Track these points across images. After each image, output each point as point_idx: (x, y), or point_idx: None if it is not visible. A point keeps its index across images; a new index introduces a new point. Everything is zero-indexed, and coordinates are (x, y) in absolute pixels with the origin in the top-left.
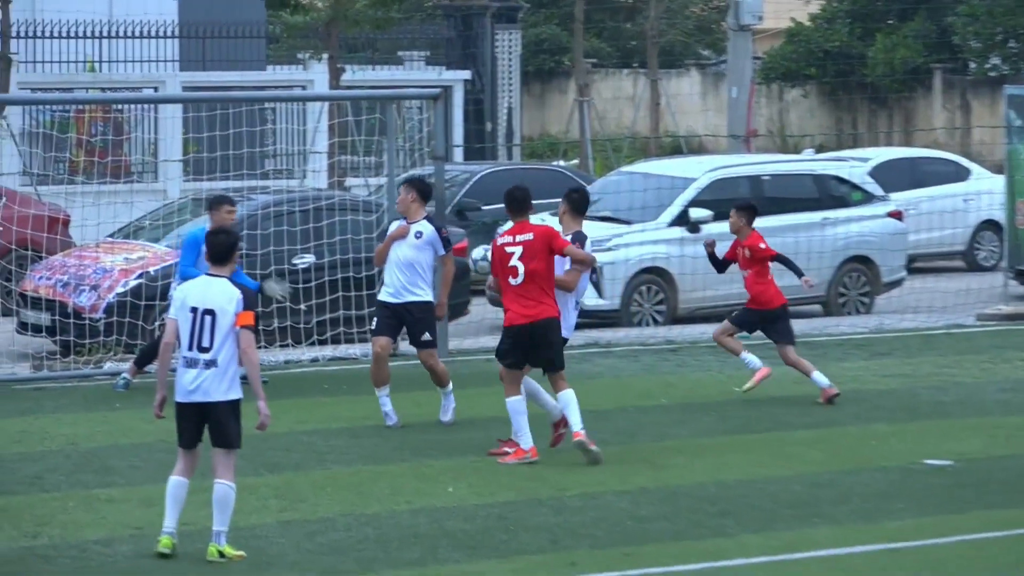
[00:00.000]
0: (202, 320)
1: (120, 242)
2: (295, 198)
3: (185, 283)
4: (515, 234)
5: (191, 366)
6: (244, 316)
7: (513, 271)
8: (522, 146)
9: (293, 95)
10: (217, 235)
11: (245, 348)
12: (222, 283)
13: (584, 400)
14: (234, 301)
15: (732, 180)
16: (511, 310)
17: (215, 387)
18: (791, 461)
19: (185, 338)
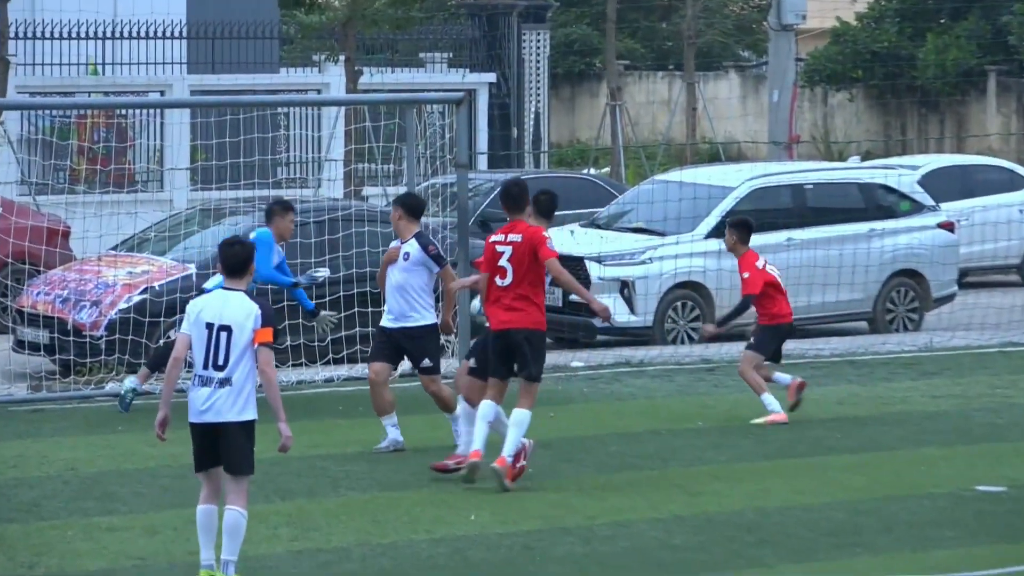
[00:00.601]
0: (218, 337)
1: (123, 255)
2: (309, 208)
3: (200, 297)
4: (507, 232)
5: (204, 384)
6: (263, 333)
7: (502, 272)
8: (550, 153)
9: (307, 99)
10: (232, 246)
11: (263, 367)
12: (240, 297)
13: (615, 422)
14: (252, 317)
15: (773, 189)
16: (493, 314)
17: (227, 407)
18: (833, 487)
19: (200, 355)
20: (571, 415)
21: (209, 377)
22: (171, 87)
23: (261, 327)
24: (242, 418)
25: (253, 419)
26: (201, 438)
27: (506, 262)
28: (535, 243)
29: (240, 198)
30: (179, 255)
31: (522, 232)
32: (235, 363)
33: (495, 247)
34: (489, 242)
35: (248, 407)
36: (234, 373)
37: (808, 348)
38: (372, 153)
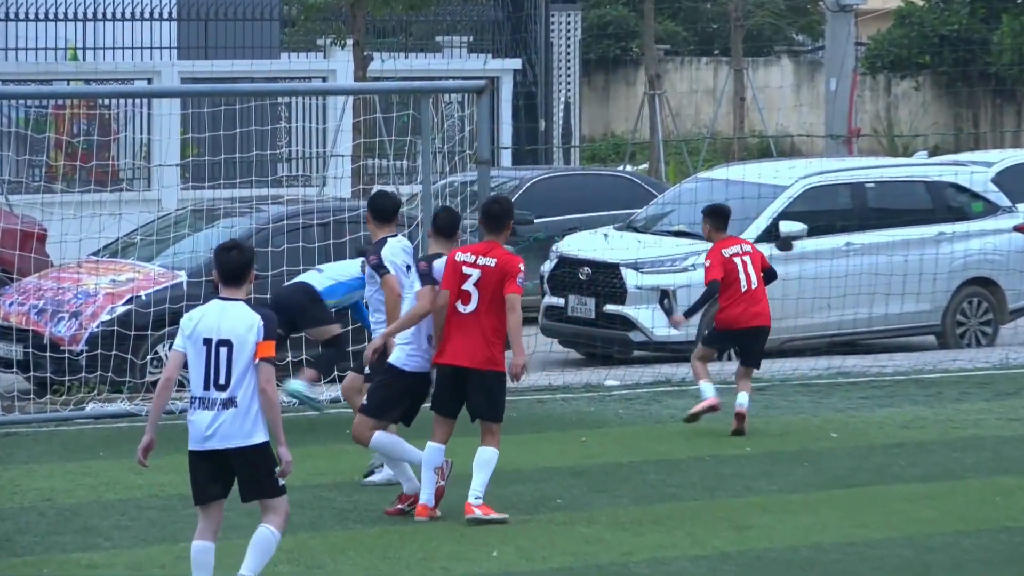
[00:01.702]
0: (217, 353)
1: (106, 261)
2: (313, 209)
3: (195, 310)
4: (478, 253)
5: (206, 407)
6: (264, 347)
7: (464, 296)
8: (582, 148)
9: (312, 88)
10: (229, 251)
11: (263, 385)
12: (239, 308)
13: (653, 448)
14: (254, 329)
15: (830, 188)
16: (450, 344)
17: (235, 430)
18: (898, 520)
19: (198, 375)
20: (605, 440)
21: (211, 399)
22: (159, 74)
23: (263, 340)
24: (252, 441)
25: (265, 441)
26: (205, 467)
27: (472, 286)
28: (507, 273)
29: (236, 198)
30: (168, 261)
31: (497, 257)
32: (239, 381)
33: (461, 267)
34: (454, 259)
35: (257, 428)
36: (238, 392)
37: (870, 365)
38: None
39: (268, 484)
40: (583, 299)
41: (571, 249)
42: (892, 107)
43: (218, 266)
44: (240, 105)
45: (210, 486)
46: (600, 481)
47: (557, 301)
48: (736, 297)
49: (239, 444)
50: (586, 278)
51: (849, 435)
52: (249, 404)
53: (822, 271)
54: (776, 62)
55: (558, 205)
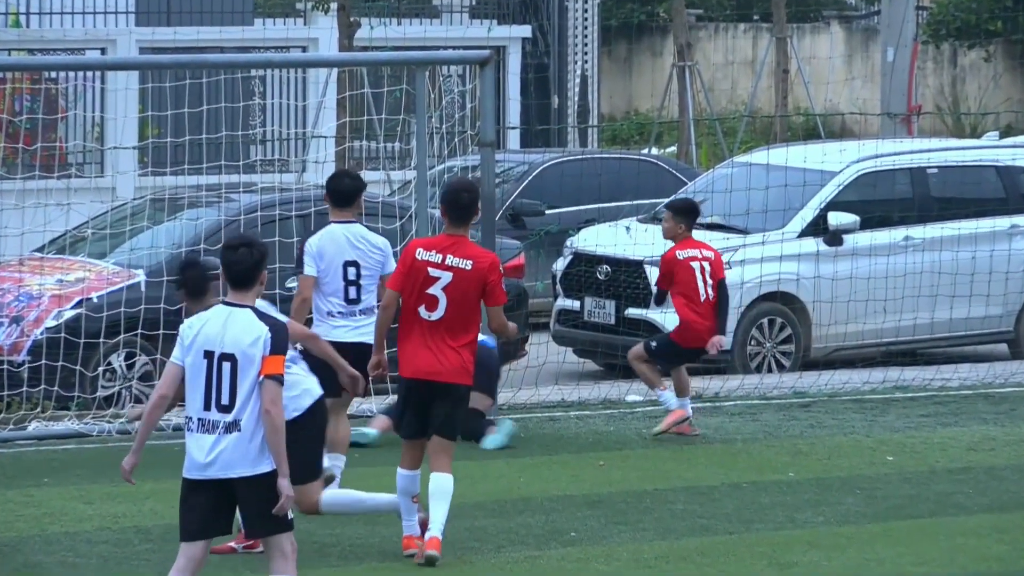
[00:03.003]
0: (219, 368)
1: (52, 258)
2: (291, 199)
3: (196, 317)
4: (447, 251)
5: (206, 430)
6: (270, 362)
7: (430, 301)
8: (601, 128)
9: (290, 59)
10: (236, 249)
11: (267, 406)
12: (245, 316)
13: (682, 473)
14: (261, 341)
15: (887, 174)
16: (416, 355)
17: (238, 458)
18: (963, 557)
19: (197, 393)
20: (626, 464)
21: (212, 421)
22: (114, 43)
23: (269, 354)
24: (259, 470)
25: (272, 469)
26: (201, 499)
27: (440, 291)
28: (489, 280)
29: (202, 186)
30: (124, 258)
31: (473, 259)
32: (244, 401)
33: (425, 269)
34: (416, 257)
35: (265, 456)
36: (243, 414)
37: (931, 378)
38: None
39: (275, 518)
40: (601, 302)
41: (588, 244)
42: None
43: (224, 266)
44: (207, 79)
45: (204, 521)
46: (620, 511)
47: (572, 304)
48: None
49: (244, 473)
50: (605, 277)
51: (907, 458)
52: (255, 428)
53: (877, 269)
54: (825, 29)
55: (573, 193)
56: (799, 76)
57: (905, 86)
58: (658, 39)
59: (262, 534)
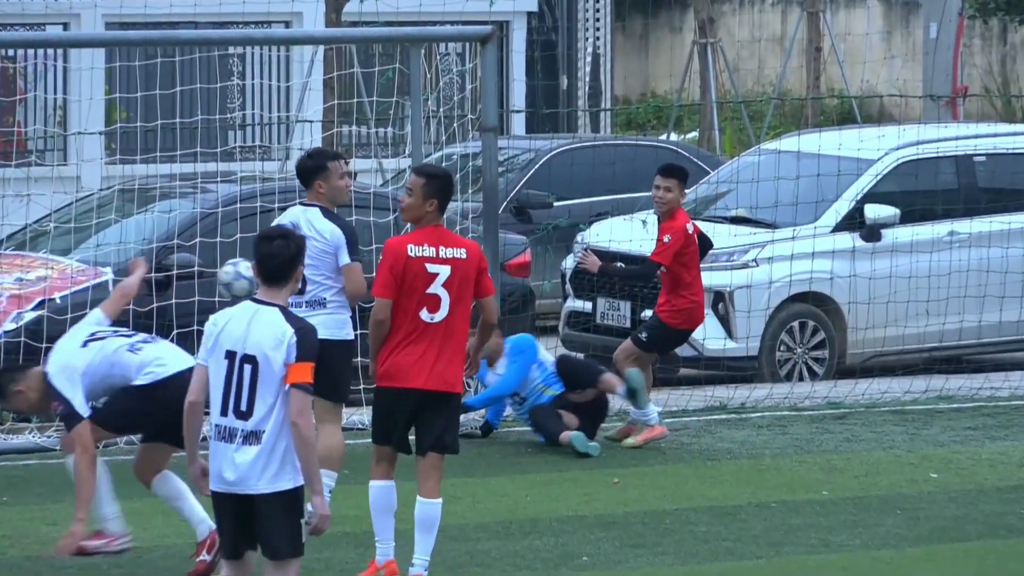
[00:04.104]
0: (240, 371)
1: (10, 254)
2: (273, 189)
3: (222, 312)
4: (438, 243)
5: (226, 439)
6: (298, 369)
7: (432, 301)
8: (615, 111)
9: (272, 35)
10: (271, 241)
11: (294, 418)
12: (272, 315)
13: (705, 491)
14: (284, 345)
15: (929, 163)
16: (408, 365)
17: (256, 472)
18: None
19: (217, 397)
20: (643, 481)
21: (230, 429)
22: (78, 18)
23: (296, 360)
24: (277, 487)
25: (294, 488)
26: (226, 513)
27: (441, 288)
28: (481, 267)
29: (176, 175)
30: (90, 255)
31: (466, 247)
32: (266, 411)
33: (424, 265)
34: (409, 255)
35: (285, 472)
36: (265, 425)
37: (979, 387)
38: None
39: (287, 542)
40: (615, 303)
41: (601, 239)
42: (1008, 59)
43: (257, 259)
44: (180, 57)
45: (233, 534)
46: (637, 533)
47: (583, 305)
48: (697, 287)
49: (263, 490)
50: None
51: (953, 476)
52: (275, 441)
53: (919, 267)
54: (861, 3)
55: (584, 183)
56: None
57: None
58: (677, 14)
59: (279, 556)
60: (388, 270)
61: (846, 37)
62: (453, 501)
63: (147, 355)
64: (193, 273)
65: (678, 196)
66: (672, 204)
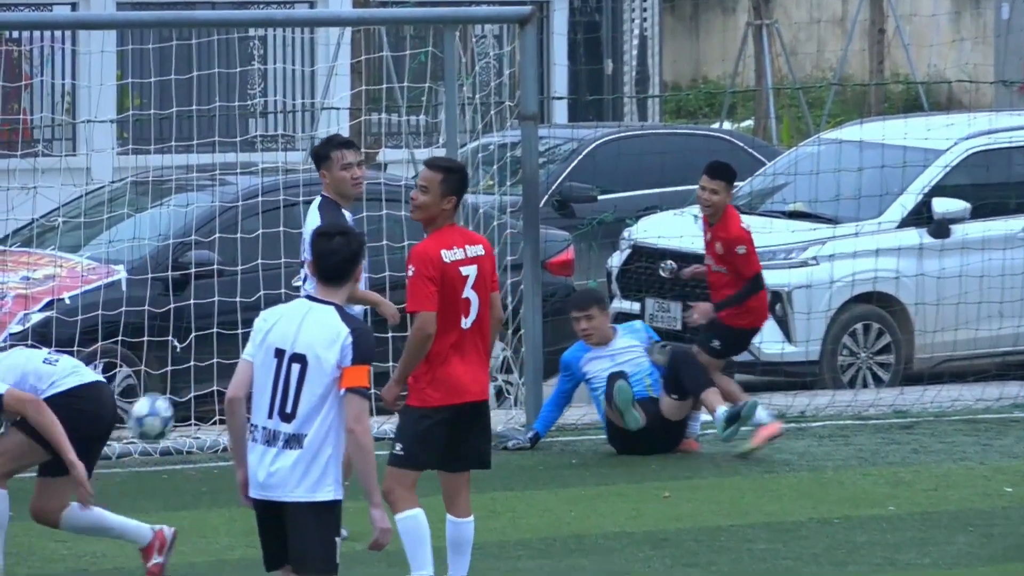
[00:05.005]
0: (287, 370)
1: (16, 252)
2: (297, 182)
3: (273, 308)
4: (463, 242)
5: (268, 442)
6: (353, 373)
7: (466, 306)
8: (664, 98)
9: (295, 16)
10: (331, 237)
11: (351, 425)
12: (326, 314)
13: (763, 506)
14: (337, 345)
15: (1002, 154)
16: (457, 378)
17: (295, 479)
18: None
19: (264, 397)
20: (696, 495)
21: (274, 431)
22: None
23: (352, 364)
24: (315, 497)
25: (333, 500)
26: (265, 521)
27: (471, 290)
28: (493, 261)
29: (193, 166)
30: (101, 252)
31: (481, 242)
32: (310, 413)
33: (457, 269)
34: (445, 261)
35: (326, 482)
36: (308, 428)
37: None
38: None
39: (319, 558)
40: (665, 304)
41: (649, 236)
42: None
43: (314, 256)
44: (197, 40)
45: (273, 544)
46: (690, 552)
47: (630, 306)
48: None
49: (300, 499)
50: (669, 275)
51: None
52: (320, 447)
53: (991, 266)
54: None
55: (631, 176)
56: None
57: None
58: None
59: (308, 571)
60: (429, 280)
61: (912, 18)
62: (492, 517)
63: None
64: (212, 272)
65: (725, 199)
66: (718, 207)
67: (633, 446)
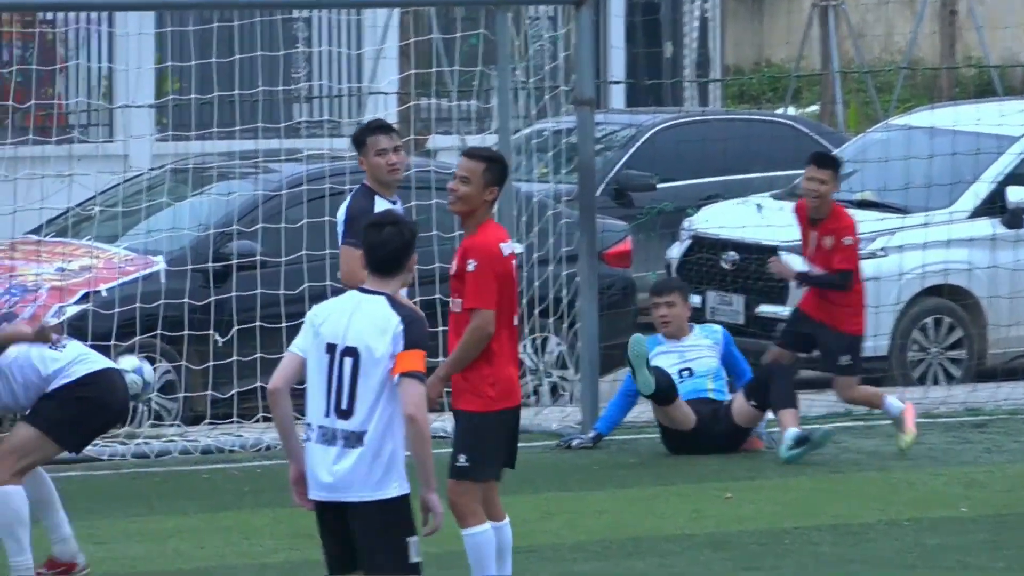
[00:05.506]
0: (340, 365)
1: (52, 242)
2: (343, 169)
3: (325, 303)
4: (507, 238)
5: (326, 441)
6: (407, 357)
7: (516, 303)
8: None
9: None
10: (381, 227)
11: (411, 410)
12: (377, 305)
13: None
14: (388, 334)
15: None
16: (513, 380)
17: (359, 477)
18: None
19: (319, 395)
20: (759, 496)
21: (332, 430)
22: None
23: (404, 349)
24: (382, 495)
25: (400, 496)
26: (329, 524)
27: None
28: None
29: (235, 153)
30: (139, 242)
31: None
32: (369, 409)
33: (511, 262)
34: (501, 254)
35: (392, 477)
36: (368, 424)
37: None
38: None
39: (393, 556)
40: (727, 297)
41: (710, 226)
42: None
43: (366, 247)
44: (239, 21)
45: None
46: (753, 555)
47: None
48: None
49: (365, 498)
50: (732, 267)
51: None
52: (381, 442)
53: None
54: None
55: (691, 163)
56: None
57: None
58: None
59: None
60: (495, 277)
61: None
62: (547, 518)
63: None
64: (255, 263)
65: (832, 189)
66: (826, 198)
67: (689, 447)
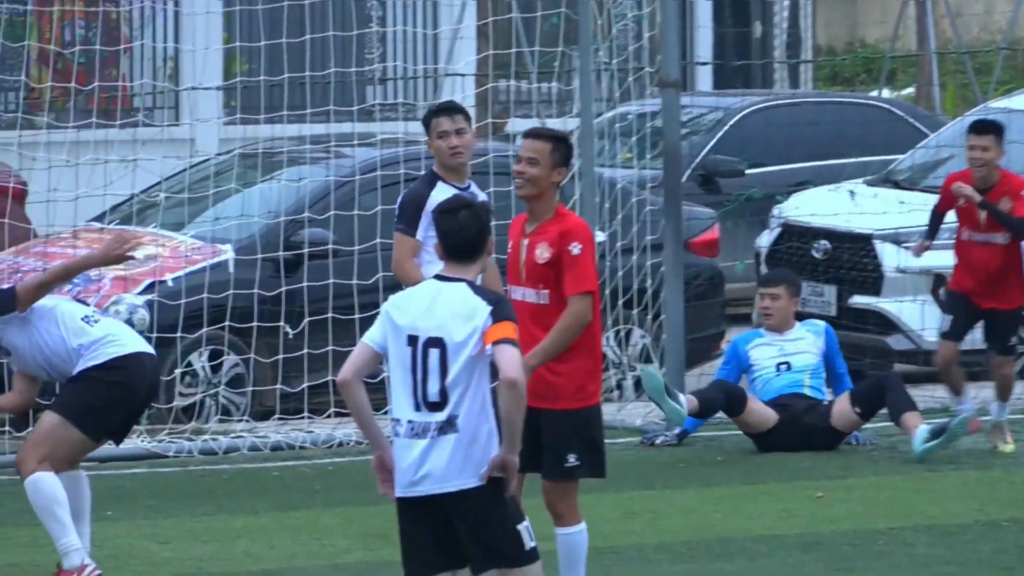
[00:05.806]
0: (425, 356)
1: (115, 230)
2: (419, 154)
3: (402, 292)
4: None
5: (416, 435)
6: (498, 327)
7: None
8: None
9: None
10: (455, 212)
11: (509, 374)
12: (459, 292)
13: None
14: (475, 318)
15: None
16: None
17: (456, 467)
18: None
19: (405, 390)
20: (851, 495)
21: (422, 424)
22: None
23: (494, 324)
24: (481, 480)
25: (498, 478)
26: (418, 522)
27: None
28: None
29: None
30: (207, 230)
31: None
32: (460, 394)
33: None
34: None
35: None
36: (459, 409)
37: None
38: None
39: (508, 544)
40: (819, 287)
41: (801, 214)
42: None
43: (440, 233)
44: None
45: (430, 552)
46: (844, 556)
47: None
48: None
49: (464, 486)
50: (823, 256)
51: None
52: (476, 426)
53: None
54: None
55: (781, 148)
56: None
57: None
58: None
59: (493, 565)
60: (591, 258)
61: None
62: (631, 518)
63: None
64: (326, 252)
65: (996, 155)
66: (991, 165)
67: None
